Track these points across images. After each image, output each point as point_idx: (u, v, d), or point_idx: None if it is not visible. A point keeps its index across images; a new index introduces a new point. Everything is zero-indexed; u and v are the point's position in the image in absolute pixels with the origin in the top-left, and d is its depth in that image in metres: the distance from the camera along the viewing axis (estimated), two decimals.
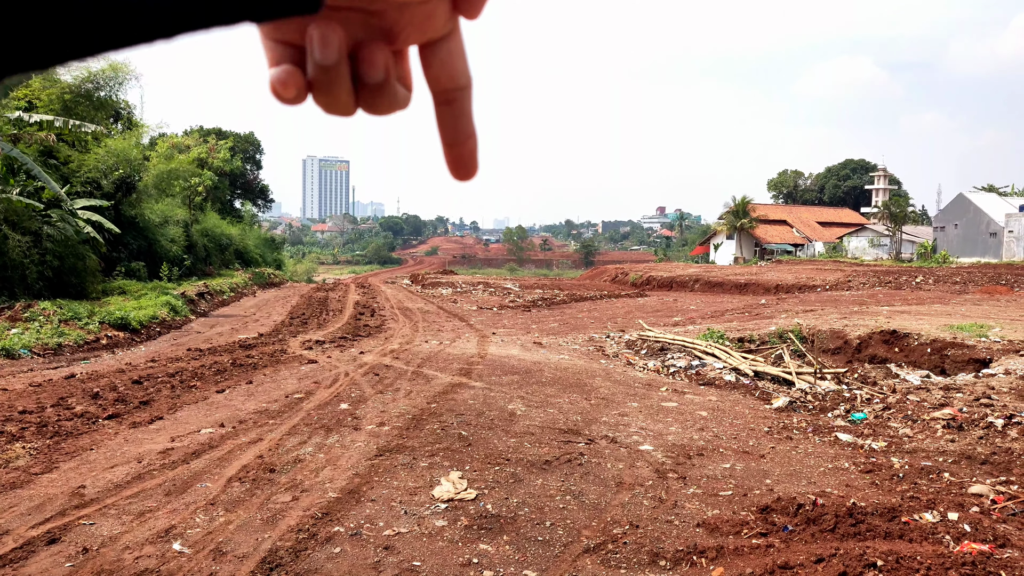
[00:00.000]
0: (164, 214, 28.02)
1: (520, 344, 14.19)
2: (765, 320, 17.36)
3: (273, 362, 11.42)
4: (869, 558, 3.93)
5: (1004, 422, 7.53)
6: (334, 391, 9.12)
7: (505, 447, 6.75)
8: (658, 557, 4.48)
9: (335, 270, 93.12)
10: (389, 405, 8.35)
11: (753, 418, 8.48)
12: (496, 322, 20.00)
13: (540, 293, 30.98)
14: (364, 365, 11.09)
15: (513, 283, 38.29)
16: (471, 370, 10.71)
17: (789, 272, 38.61)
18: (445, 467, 6.09)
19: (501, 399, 8.78)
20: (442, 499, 5.36)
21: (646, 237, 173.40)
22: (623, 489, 5.74)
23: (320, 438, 6.93)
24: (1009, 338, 12.56)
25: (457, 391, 9.16)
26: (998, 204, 53.23)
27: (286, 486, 5.57)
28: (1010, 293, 26.47)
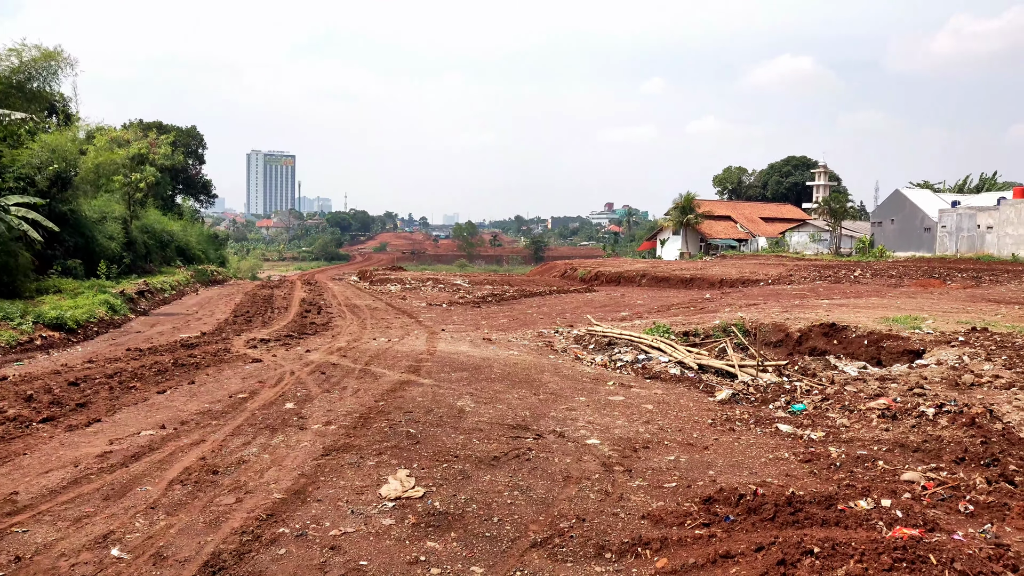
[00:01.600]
0: (102, 210, 27.18)
1: (470, 340, 14.18)
2: (709, 314, 17.69)
3: (216, 361, 11.19)
4: (806, 545, 4.06)
5: (935, 411, 7.83)
6: (279, 390, 8.99)
7: (454, 444, 6.75)
8: (604, 549, 4.54)
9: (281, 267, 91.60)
10: (336, 404, 8.26)
11: (697, 410, 8.64)
12: (446, 318, 19.95)
13: (490, 289, 31.00)
14: (310, 363, 10.95)
15: (463, 279, 38.23)
16: (420, 367, 10.67)
17: (733, 267, 39.38)
18: (393, 465, 6.07)
19: (450, 396, 8.77)
20: (390, 497, 5.34)
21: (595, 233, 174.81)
22: (570, 483, 5.80)
23: (265, 438, 6.83)
24: (941, 329, 13.05)
25: (406, 388, 9.12)
26: (932, 200, 55.14)
27: (230, 488, 5.47)
28: (942, 286, 27.46)
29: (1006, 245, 42.60)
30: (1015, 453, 6.52)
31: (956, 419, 7.45)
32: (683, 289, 33.04)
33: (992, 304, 18.80)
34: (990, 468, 6.16)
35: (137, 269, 28.31)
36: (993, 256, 41.35)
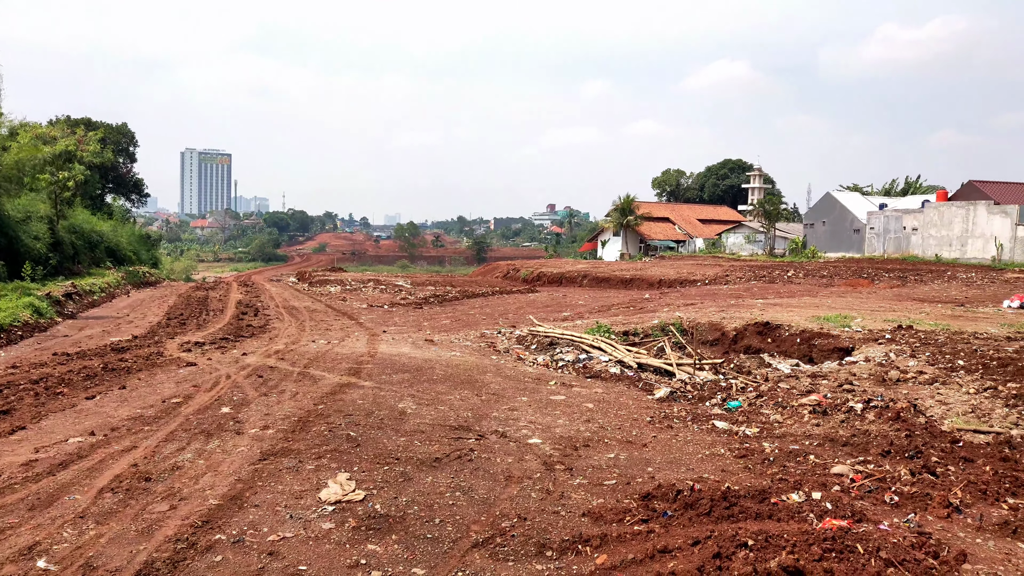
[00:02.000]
0: (27, 209, 26.09)
1: (411, 342, 14.10)
2: (649, 314, 17.98)
3: (149, 365, 10.88)
4: (741, 538, 4.17)
5: (863, 406, 8.12)
6: (215, 394, 8.79)
7: (395, 446, 6.71)
8: (545, 548, 4.58)
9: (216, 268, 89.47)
10: (274, 407, 8.12)
11: (636, 408, 8.77)
12: (387, 320, 19.79)
13: (432, 290, 30.88)
14: (247, 367, 10.74)
15: (405, 280, 37.98)
16: (360, 369, 10.57)
17: (671, 268, 40.09)
18: (333, 469, 6.00)
19: (391, 398, 8.72)
20: (329, 501, 5.28)
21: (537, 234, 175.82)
22: (512, 483, 5.83)
23: (200, 444, 6.67)
24: (869, 328, 13.53)
25: (346, 391, 9.02)
26: (861, 202, 57.10)
27: (163, 495, 5.33)
28: (871, 286, 28.47)
29: (930, 246, 44.42)
30: (937, 445, 6.81)
31: (883, 414, 7.74)
32: (623, 289, 33.49)
33: (917, 303, 19.58)
34: (914, 460, 6.42)
35: (64, 271, 27.29)
36: (918, 257, 43.08)
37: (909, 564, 4.11)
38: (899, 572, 4.03)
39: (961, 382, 9.40)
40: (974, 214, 42.60)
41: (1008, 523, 5.11)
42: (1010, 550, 4.73)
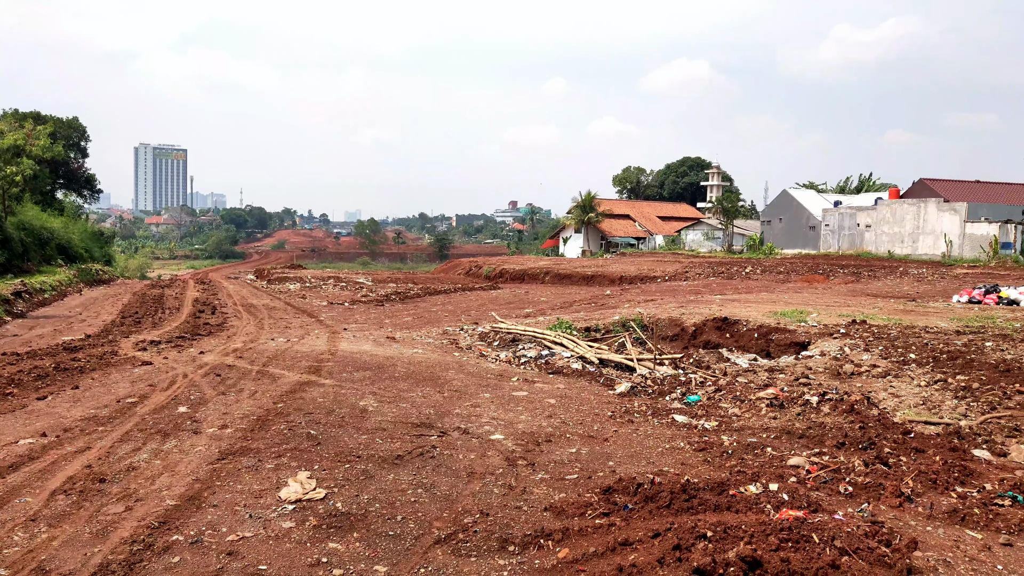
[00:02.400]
0: None
1: (373, 339, 14.01)
2: (610, 310, 18.11)
3: (103, 365, 10.64)
4: (700, 530, 4.23)
5: (818, 399, 8.29)
6: (171, 394, 8.64)
7: (356, 444, 6.67)
8: (507, 542, 4.60)
9: (172, 265, 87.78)
10: (232, 406, 8.01)
11: (598, 404, 8.84)
12: (348, 317, 19.63)
13: (394, 287, 30.70)
14: (204, 365, 10.56)
15: (366, 277, 37.68)
16: (321, 367, 10.47)
17: (632, 264, 40.44)
18: (293, 468, 5.94)
19: (352, 396, 8.65)
20: (289, 500, 5.23)
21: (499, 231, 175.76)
22: (474, 479, 5.83)
23: (156, 444, 6.55)
24: (824, 322, 13.81)
25: (306, 389, 8.93)
26: (816, 200, 58.21)
27: (119, 496, 5.23)
28: (826, 282, 29.06)
29: (883, 243, 45.47)
30: (889, 437, 6.99)
31: (837, 406, 7.92)
32: (585, 286, 33.68)
33: (870, 298, 20.05)
34: (867, 451, 6.58)
35: (13, 269, 26.52)
36: (871, 253, 44.07)
37: (862, 552, 4.21)
38: (853, 560, 4.12)
39: (913, 375, 9.64)
40: (925, 211, 43.71)
41: (957, 511, 5.27)
42: (959, 537, 4.88)
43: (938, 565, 4.36)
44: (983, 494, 5.56)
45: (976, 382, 9.06)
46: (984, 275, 29.61)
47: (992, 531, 5.00)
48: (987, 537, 4.89)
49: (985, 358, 10.11)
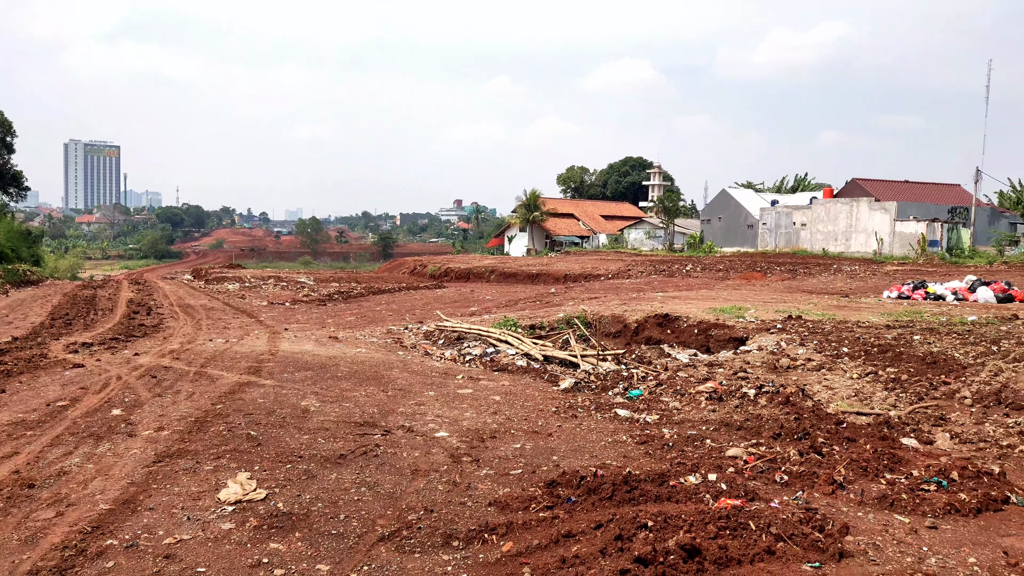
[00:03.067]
0: None
1: (315, 339, 13.82)
2: (555, 308, 18.24)
3: (31, 368, 10.24)
4: (641, 520, 4.31)
5: (756, 392, 8.51)
6: (104, 396, 8.37)
7: (298, 444, 6.58)
8: (451, 538, 4.60)
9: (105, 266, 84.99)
10: (169, 408, 7.81)
11: (543, 400, 8.90)
12: (289, 317, 19.32)
13: (336, 286, 30.32)
14: (140, 367, 10.27)
15: (307, 277, 37.12)
16: (261, 368, 10.28)
17: (576, 263, 40.79)
18: (232, 469, 5.82)
19: (294, 396, 8.52)
20: (229, 501, 5.13)
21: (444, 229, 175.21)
22: (419, 476, 5.81)
23: (89, 447, 6.34)
24: (762, 318, 14.17)
25: (245, 390, 8.76)
26: (754, 199, 59.62)
27: (49, 501, 5.05)
28: (763, 279, 29.79)
29: (817, 241, 46.82)
30: (823, 427, 7.21)
31: (774, 399, 8.14)
32: (530, 284, 33.84)
33: (806, 294, 20.64)
34: (802, 441, 6.78)
35: None
36: (807, 251, 45.35)
37: (797, 538, 4.34)
38: (788, 546, 4.25)
39: (845, 368, 9.97)
40: (857, 210, 45.17)
41: (886, 496, 5.48)
42: (887, 521, 5.07)
43: (868, 548, 4.53)
44: (911, 480, 5.78)
45: (905, 374, 9.42)
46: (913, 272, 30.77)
47: (919, 515, 5.20)
48: (914, 521, 5.09)
49: (913, 351, 10.51)
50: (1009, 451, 6.90)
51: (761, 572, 3.86)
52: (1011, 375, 8.83)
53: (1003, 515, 5.28)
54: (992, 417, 7.76)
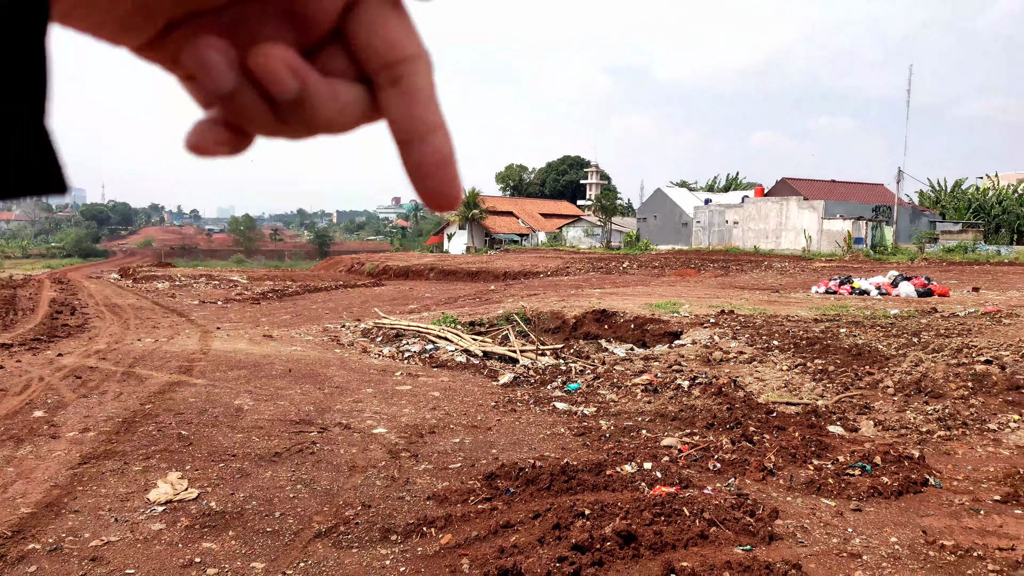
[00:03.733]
0: None
1: (248, 338, 13.53)
2: (494, 304, 18.29)
3: None
4: (578, 508, 4.36)
5: (690, 384, 8.70)
6: (25, 398, 8.03)
7: (231, 443, 6.44)
8: (390, 532, 4.57)
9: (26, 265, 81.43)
10: (95, 409, 7.54)
11: (482, 395, 8.91)
12: (221, 316, 18.88)
13: (271, 285, 29.74)
14: (63, 368, 9.89)
15: (240, 275, 36.30)
16: (192, 367, 10.02)
17: (516, 260, 40.96)
18: (163, 469, 5.66)
19: (227, 395, 8.34)
20: (159, 502, 4.99)
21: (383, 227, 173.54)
22: (356, 472, 5.76)
23: (9, 450, 6.08)
24: (696, 313, 14.48)
25: (176, 390, 8.53)
26: (689, 198, 60.85)
27: None
28: (697, 275, 30.44)
29: (749, 238, 48.05)
30: (754, 416, 7.42)
31: (707, 390, 8.33)
32: (470, 282, 33.82)
33: (738, 290, 21.18)
34: (734, 430, 6.96)
35: None
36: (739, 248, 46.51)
37: (729, 523, 4.46)
38: (720, 530, 4.37)
39: (776, 360, 10.28)
40: (787, 209, 46.54)
41: (813, 482, 5.67)
42: (814, 505, 5.25)
43: (796, 531, 4.68)
44: (836, 466, 6.00)
45: (832, 365, 9.76)
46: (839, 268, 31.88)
47: (844, 499, 5.40)
48: (840, 504, 5.28)
49: (839, 343, 10.90)
50: (928, 436, 7.23)
51: (694, 556, 3.96)
52: (930, 365, 9.24)
53: (922, 496, 5.53)
54: (913, 405, 8.11)
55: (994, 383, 8.34)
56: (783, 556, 4.22)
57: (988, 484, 5.86)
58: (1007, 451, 6.77)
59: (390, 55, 0.40)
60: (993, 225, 52.28)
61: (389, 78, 0.40)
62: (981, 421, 7.52)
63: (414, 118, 0.41)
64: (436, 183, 0.42)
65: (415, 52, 0.40)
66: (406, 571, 4.12)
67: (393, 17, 0.40)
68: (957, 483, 5.90)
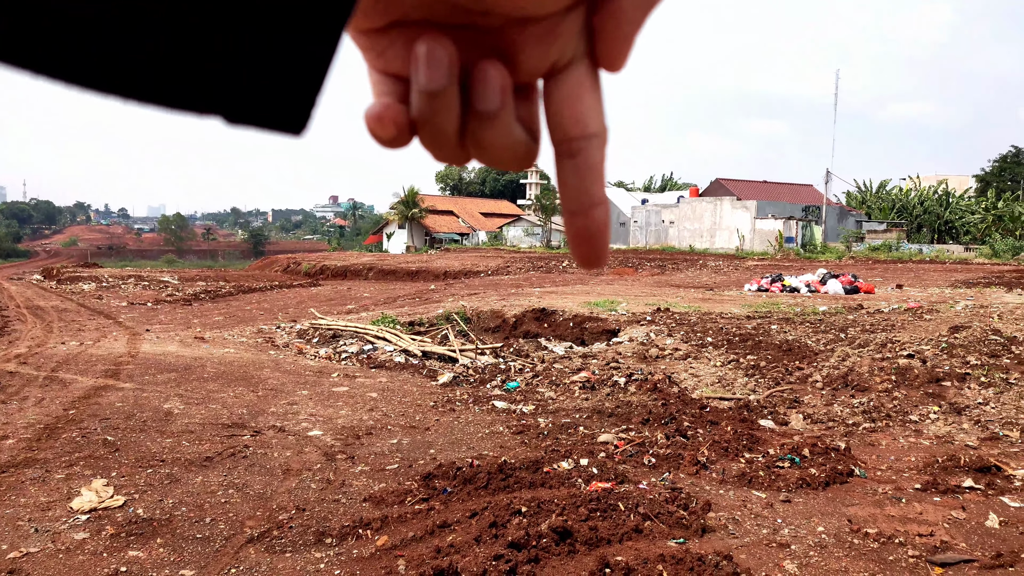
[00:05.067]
0: None
1: (179, 340, 13.16)
2: (434, 304, 18.20)
3: None
4: (515, 506, 4.37)
5: (626, 380, 8.82)
6: None
7: (160, 448, 6.25)
8: (324, 535, 4.50)
9: None
10: (14, 416, 7.22)
11: (420, 395, 8.86)
12: (151, 318, 18.31)
13: (203, 285, 28.98)
14: None
15: (171, 275, 35.28)
16: (120, 371, 9.69)
17: (456, 259, 40.85)
18: (87, 476, 5.46)
19: (156, 399, 8.09)
20: (83, 510, 4.81)
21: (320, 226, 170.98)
22: (290, 475, 5.66)
23: None
24: (633, 311, 14.68)
25: (102, 394, 8.23)
26: (626, 198, 61.71)
27: None
28: (635, 274, 30.88)
29: (685, 238, 48.99)
30: (688, 412, 7.56)
31: (643, 386, 8.46)
32: (410, 281, 33.58)
33: (674, 288, 21.58)
34: (668, 425, 7.08)
35: None
36: (675, 247, 47.37)
37: (663, 516, 4.54)
38: (655, 524, 4.44)
39: (710, 356, 10.50)
40: (721, 209, 47.60)
41: (744, 474, 5.81)
42: (746, 497, 5.38)
43: (728, 523, 4.79)
44: (767, 458, 6.16)
45: (763, 361, 10.02)
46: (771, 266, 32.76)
47: (774, 490, 5.55)
48: (770, 496, 5.43)
49: (771, 339, 11.19)
50: (854, 429, 7.48)
51: (629, 550, 4.01)
52: (856, 359, 9.57)
53: (848, 487, 5.72)
54: (840, 399, 8.39)
55: (916, 376, 8.69)
56: (715, 548, 4.31)
57: (909, 473, 6.10)
58: (927, 441, 7.06)
59: (574, 130, 0.42)
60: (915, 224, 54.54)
61: (569, 150, 0.42)
62: (903, 413, 7.83)
63: (584, 192, 0.43)
64: (591, 249, 0.45)
65: (598, 130, 0.42)
66: (341, 574, 4.06)
67: (589, 92, 0.42)
68: (881, 473, 6.13)
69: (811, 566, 4.26)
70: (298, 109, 0.35)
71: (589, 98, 0.42)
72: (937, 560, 4.34)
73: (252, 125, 0.34)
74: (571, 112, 0.42)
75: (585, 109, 0.42)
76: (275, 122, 0.34)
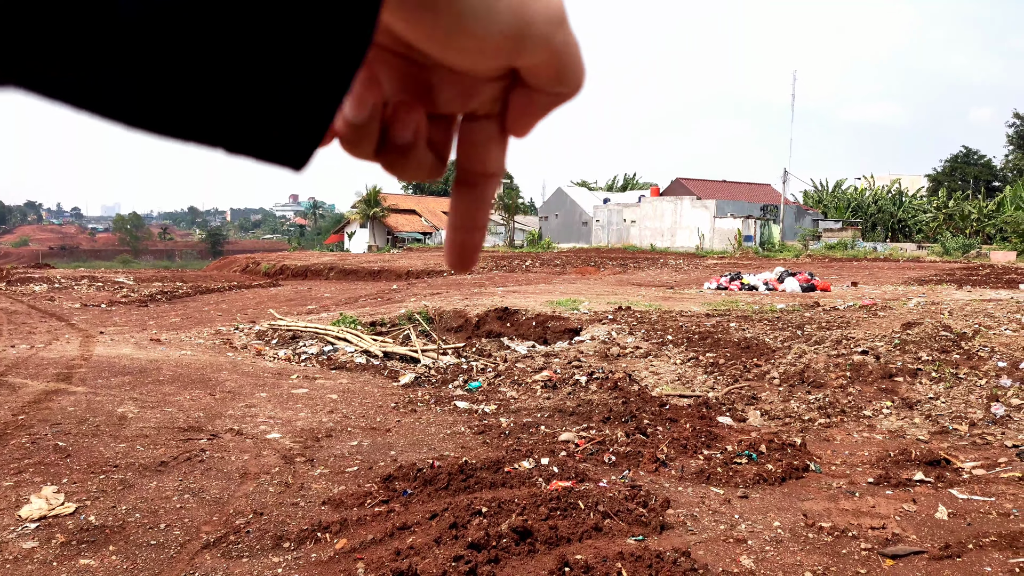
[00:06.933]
0: None
1: (134, 342, 12.89)
2: (396, 304, 18.09)
3: None
4: (476, 507, 4.37)
5: (587, 379, 8.87)
6: None
7: (113, 453, 6.11)
8: (282, 539, 4.45)
9: None
10: None
11: (381, 396, 8.80)
12: (105, 320, 17.91)
13: (160, 286, 28.42)
14: None
15: (126, 276, 34.54)
16: (72, 374, 9.46)
17: (419, 259, 40.66)
18: (36, 483, 5.32)
19: (109, 403, 7.91)
20: (32, 518, 4.68)
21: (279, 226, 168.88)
22: (248, 479, 5.58)
23: None
24: (595, 310, 14.77)
25: (53, 398, 8.03)
26: (588, 197, 62.04)
27: None
28: (597, 273, 31.08)
29: (646, 237, 49.42)
30: (648, 409, 7.63)
31: (603, 384, 8.51)
32: (371, 281, 33.33)
33: (635, 287, 21.75)
34: (629, 423, 7.14)
35: None
36: (636, 246, 47.76)
37: (623, 514, 4.57)
38: (614, 522, 4.47)
39: (670, 354, 10.60)
40: (681, 208, 48.13)
41: (703, 471, 5.88)
42: (704, 494, 5.45)
43: (687, 520, 4.84)
44: (725, 455, 6.25)
45: (722, 358, 10.16)
46: (730, 265, 33.22)
47: (732, 487, 5.63)
48: (728, 492, 5.51)
49: (730, 337, 11.34)
50: (810, 424, 7.63)
51: (589, 548, 4.03)
52: (813, 356, 9.75)
53: (803, 482, 5.83)
54: (796, 395, 8.54)
55: (870, 372, 8.88)
56: (673, 544, 4.36)
57: (863, 467, 6.24)
58: (880, 436, 7.23)
59: (478, 167, 0.50)
60: (870, 223, 55.77)
61: (468, 181, 0.50)
62: (857, 408, 8.00)
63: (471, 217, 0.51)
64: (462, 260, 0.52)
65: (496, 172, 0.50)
66: None
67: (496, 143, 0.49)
68: (835, 467, 6.26)
69: (767, 561, 4.33)
70: (302, 147, 0.36)
71: (495, 148, 0.49)
72: (888, 552, 4.44)
73: (253, 157, 0.36)
74: (478, 154, 0.49)
75: (490, 154, 0.49)
76: (277, 156, 0.36)
